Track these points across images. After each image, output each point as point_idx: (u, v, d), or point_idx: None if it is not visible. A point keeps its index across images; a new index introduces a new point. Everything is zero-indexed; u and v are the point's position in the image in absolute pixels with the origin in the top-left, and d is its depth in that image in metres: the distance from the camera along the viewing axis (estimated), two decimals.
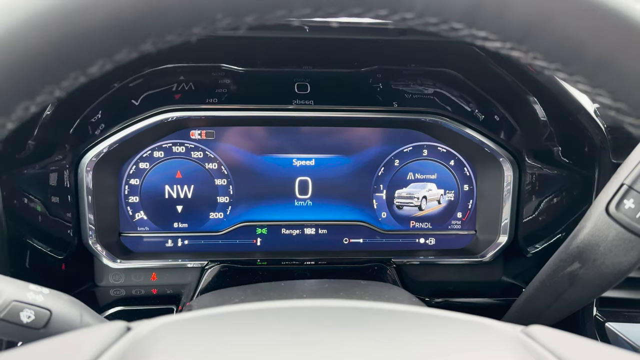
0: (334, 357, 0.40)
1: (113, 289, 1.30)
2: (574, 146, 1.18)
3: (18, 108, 0.36)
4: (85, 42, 0.35)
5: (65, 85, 0.37)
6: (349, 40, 1.20)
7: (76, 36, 0.34)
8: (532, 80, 1.13)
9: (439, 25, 0.38)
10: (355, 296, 0.79)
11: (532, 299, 0.94)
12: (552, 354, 0.43)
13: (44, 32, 0.34)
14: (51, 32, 0.34)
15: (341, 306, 0.50)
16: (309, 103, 1.27)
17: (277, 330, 0.45)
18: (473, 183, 1.41)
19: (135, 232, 1.34)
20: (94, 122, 1.22)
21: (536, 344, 0.46)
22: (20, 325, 0.64)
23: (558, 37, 0.37)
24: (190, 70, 1.26)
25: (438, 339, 0.47)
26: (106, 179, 1.28)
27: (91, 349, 0.42)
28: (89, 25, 0.34)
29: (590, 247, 0.80)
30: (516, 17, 0.36)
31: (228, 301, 0.79)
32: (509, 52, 0.39)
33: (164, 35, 0.37)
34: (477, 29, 0.37)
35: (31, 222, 1.11)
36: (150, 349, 0.43)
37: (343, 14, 0.38)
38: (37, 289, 0.68)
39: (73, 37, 0.34)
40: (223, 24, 0.37)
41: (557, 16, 0.36)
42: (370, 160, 1.38)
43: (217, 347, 0.42)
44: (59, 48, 0.34)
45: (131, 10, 0.35)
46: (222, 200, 1.36)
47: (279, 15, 0.37)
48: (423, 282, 1.35)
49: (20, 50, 0.34)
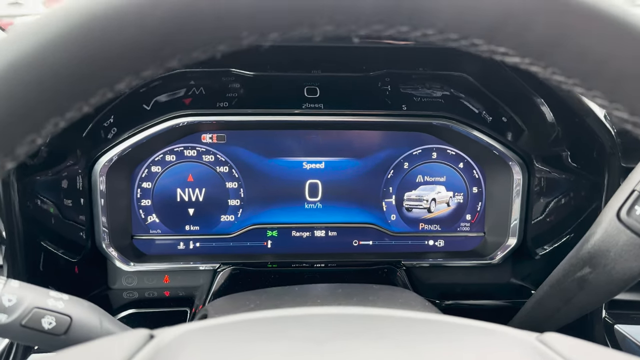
0: None
1: (126, 292, 1.31)
2: (582, 150, 1.19)
3: (48, 124, 0.37)
4: (114, 60, 0.36)
5: (94, 102, 0.38)
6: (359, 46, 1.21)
7: (106, 54, 0.35)
8: (541, 83, 1.13)
9: (459, 41, 0.39)
10: (369, 301, 0.80)
11: (542, 303, 0.94)
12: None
13: (75, 51, 0.35)
14: (82, 50, 0.35)
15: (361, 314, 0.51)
16: (318, 107, 1.28)
17: (301, 338, 0.46)
18: (482, 185, 1.41)
19: (147, 235, 1.36)
20: (106, 126, 1.23)
21: (552, 351, 0.46)
22: (42, 331, 0.65)
23: (577, 53, 0.37)
24: (201, 75, 1.27)
25: (456, 346, 0.48)
26: (119, 182, 1.29)
27: (116, 357, 0.42)
28: (119, 44, 0.35)
29: (600, 253, 0.81)
30: (536, 34, 0.37)
31: (243, 306, 0.80)
32: (527, 67, 0.40)
33: (190, 52, 0.38)
34: (497, 44, 0.38)
35: (45, 226, 1.12)
36: (175, 356, 0.43)
37: (365, 30, 0.38)
38: (58, 296, 0.69)
39: (103, 55, 0.35)
40: (248, 41, 0.38)
41: (576, 33, 0.37)
42: (379, 163, 1.39)
43: (242, 355, 0.43)
44: (89, 66, 0.35)
45: (160, 29, 0.35)
46: (233, 203, 1.37)
47: (302, 32, 0.38)
48: (432, 285, 1.36)
49: (53, 69, 0.35)
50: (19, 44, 0.34)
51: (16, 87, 0.34)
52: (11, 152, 0.37)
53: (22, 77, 0.34)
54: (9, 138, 0.36)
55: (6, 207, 0.98)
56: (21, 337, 0.66)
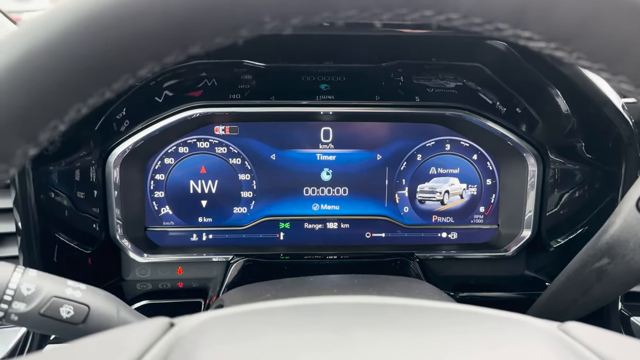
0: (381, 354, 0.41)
1: (139, 283, 1.32)
2: (597, 141, 1.17)
3: (71, 110, 0.37)
4: (137, 46, 0.36)
5: (116, 87, 0.38)
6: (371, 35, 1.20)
7: (129, 40, 0.35)
8: (558, 73, 1.12)
9: (483, 26, 0.38)
10: (386, 292, 0.80)
11: (558, 294, 0.94)
12: (592, 352, 0.44)
13: (98, 36, 0.35)
14: (105, 35, 0.35)
15: (382, 303, 0.50)
16: (330, 98, 1.28)
17: (322, 327, 0.46)
18: (496, 177, 1.40)
19: (160, 227, 1.36)
20: (119, 119, 1.23)
21: (574, 341, 0.46)
22: (60, 320, 0.66)
23: (603, 37, 0.37)
24: (213, 67, 1.27)
25: (476, 335, 0.47)
26: (132, 174, 1.30)
27: (137, 345, 0.42)
28: (142, 30, 0.35)
29: (619, 243, 0.80)
30: (562, 18, 0.36)
31: (259, 296, 0.80)
32: (552, 52, 0.39)
33: (213, 38, 0.37)
34: (522, 29, 0.38)
35: (59, 217, 1.13)
36: (196, 344, 0.43)
37: (389, 15, 0.38)
38: (75, 285, 0.69)
39: (126, 41, 0.35)
40: (270, 26, 0.38)
41: (603, 16, 0.36)
42: (392, 155, 1.38)
43: (265, 343, 0.43)
44: (112, 52, 0.35)
45: (182, 14, 0.35)
46: (246, 195, 1.37)
47: (325, 17, 0.38)
48: (446, 277, 1.35)
49: (76, 55, 0.35)
50: (42, 30, 0.34)
51: (40, 73, 0.34)
52: (34, 138, 0.37)
53: (46, 63, 0.34)
54: (33, 124, 0.36)
55: (22, 198, 0.98)
56: (39, 325, 0.67)
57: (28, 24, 0.35)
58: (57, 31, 0.34)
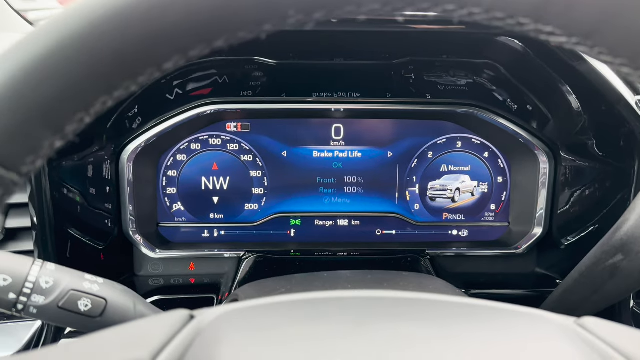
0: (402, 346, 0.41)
1: (152, 279, 1.32)
2: (609, 139, 1.17)
3: (97, 102, 0.37)
4: (163, 40, 0.36)
5: (142, 81, 0.38)
6: (382, 32, 1.20)
7: (156, 34, 0.36)
8: (570, 70, 1.12)
9: (505, 20, 0.38)
10: (399, 287, 0.80)
11: (571, 291, 0.94)
12: (610, 346, 0.44)
13: (127, 29, 0.35)
14: (133, 29, 0.35)
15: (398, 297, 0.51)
16: (341, 95, 1.28)
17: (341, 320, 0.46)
18: (507, 175, 1.40)
19: (172, 223, 1.37)
20: (131, 116, 1.24)
21: (592, 336, 0.46)
22: (78, 313, 0.67)
23: (625, 32, 0.37)
24: (224, 64, 1.27)
25: (494, 330, 0.47)
26: (145, 170, 1.31)
27: (158, 337, 0.42)
28: (168, 23, 0.35)
29: (633, 240, 0.80)
30: (584, 12, 0.36)
31: (274, 291, 0.80)
32: (573, 47, 0.39)
33: (237, 32, 0.38)
34: (544, 24, 0.38)
35: (72, 213, 1.14)
36: (216, 337, 0.44)
37: (411, 8, 0.38)
38: (93, 279, 0.70)
39: (153, 34, 0.36)
40: (293, 20, 0.38)
41: (625, 11, 0.36)
42: (403, 152, 1.38)
43: (284, 335, 0.43)
44: (139, 45, 0.36)
45: (207, 8, 0.36)
46: (257, 191, 1.37)
47: (348, 11, 0.38)
48: (457, 274, 1.35)
49: (105, 47, 0.35)
50: (72, 23, 0.35)
51: (69, 65, 0.35)
52: (61, 130, 0.37)
53: (75, 55, 0.35)
54: (61, 115, 0.36)
55: (37, 193, 0.99)
56: (58, 318, 0.67)
57: (58, 16, 0.35)
58: (87, 24, 0.35)
